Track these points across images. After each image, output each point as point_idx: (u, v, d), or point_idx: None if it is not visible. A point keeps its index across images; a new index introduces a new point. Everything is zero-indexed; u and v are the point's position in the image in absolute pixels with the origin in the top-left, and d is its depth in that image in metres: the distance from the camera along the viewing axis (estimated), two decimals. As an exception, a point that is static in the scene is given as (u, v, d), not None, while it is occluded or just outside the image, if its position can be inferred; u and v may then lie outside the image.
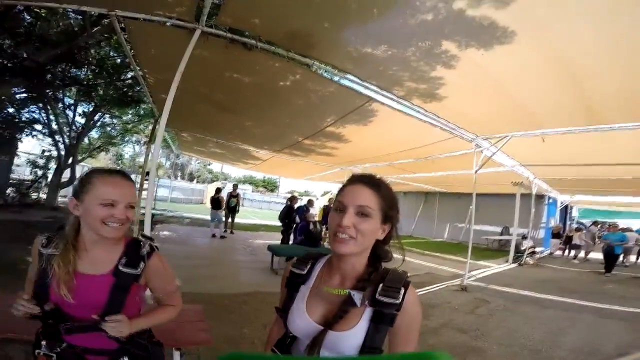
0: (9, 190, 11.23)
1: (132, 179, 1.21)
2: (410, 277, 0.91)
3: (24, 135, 10.61)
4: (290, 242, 8.81)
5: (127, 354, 1.16)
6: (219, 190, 10.56)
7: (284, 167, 12.13)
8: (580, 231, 13.46)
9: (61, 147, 11.45)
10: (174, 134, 10.33)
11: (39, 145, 12.15)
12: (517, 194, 10.29)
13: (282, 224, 9.05)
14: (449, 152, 7.12)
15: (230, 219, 11.17)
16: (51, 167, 12.01)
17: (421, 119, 5.18)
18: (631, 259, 11.88)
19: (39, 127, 11.03)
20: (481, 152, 6.45)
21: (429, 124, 5.30)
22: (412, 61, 3.35)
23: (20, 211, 9.40)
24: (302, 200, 11.36)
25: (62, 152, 11.46)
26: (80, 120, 12.11)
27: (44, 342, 1.10)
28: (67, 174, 11.89)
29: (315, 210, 10.08)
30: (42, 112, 10.80)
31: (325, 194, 35.85)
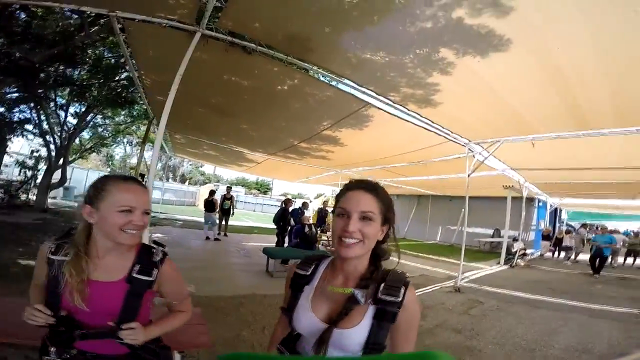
0: (-2, 191, 11.03)
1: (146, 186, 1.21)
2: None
3: (14, 135, 10.41)
4: (285, 244, 8.81)
5: (138, 359, 1.16)
6: (212, 192, 10.50)
7: (278, 170, 12.14)
8: (570, 233, 13.76)
9: (52, 147, 11.26)
10: (168, 135, 10.26)
11: (27, 145, 11.91)
12: (508, 197, 10.45)
13: (277, 227, 9.03)
14: (442, 156, 7.25)
15: (224, 222, 11.10)
16: (41, 167, 11.77)
17: (416, 124, 5.26)
18: (619, 260, 12.18)
19: (29, 127, 10.87)
20: (473, 157, 6.56)
21: (424, 129, 5.39)
22: (409, 67, 3.42)
23: (9, 213, 9.22)
24: (296, 202, 11.36)
25: (53, 152, 11.27)
26: (72, 120, 11.96)
27: (53, 349, 1.08)
28: (57, 175, 11.69)
29: (309, 212, 10.10)
30: (34, 112, 10.63)
31: (318, 196, 35.90)
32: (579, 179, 8.63)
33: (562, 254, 13.58)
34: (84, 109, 11.53)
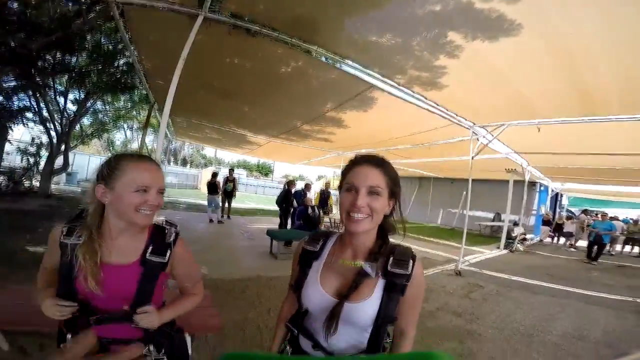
0: (1, 178, 11.06)
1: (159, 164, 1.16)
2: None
3: (15, 123, 10.35)
4: (288, 226, 8.88)
5: (153, 342, 1.17)
6: (215, 174, 10.49)
7: (280, 152, 12.09)
8: (571, 219, 13.80)
9: (53, 134, 11.23)
10: (169, 119, 10.18)
11: (29, 133, 11.87)
12: (510, 181, 10.36)
13: (280, 209, 9.07)
14: (446, 138, 7.20)
15: (227, 204, 11.16)
16: (43, 154, 11.77)
17: (421, 107, 5.20)
18: (617, 247, 12.25)
19: (29, 114, 10.77)
20: (477, 140, 6.51)
21: (428, 111, 5.33)
22: (416, 50, 3.34)
23: (14, 200, 9.31)
24: (298, 184, 11.38)
25: (54, 139, 11.25)
26: (72, 107, 11.88)
27: (69, 335, 1.08)
28: (59, 161, 11.73)
29: (312, 194, 10.13)
30: (33, 99, 10.52)
31: (320, 178, 35.97)
32: (582, 164, 8.58)
33: (562, 240, 13.66)
34: (83, 96, 11.41)
